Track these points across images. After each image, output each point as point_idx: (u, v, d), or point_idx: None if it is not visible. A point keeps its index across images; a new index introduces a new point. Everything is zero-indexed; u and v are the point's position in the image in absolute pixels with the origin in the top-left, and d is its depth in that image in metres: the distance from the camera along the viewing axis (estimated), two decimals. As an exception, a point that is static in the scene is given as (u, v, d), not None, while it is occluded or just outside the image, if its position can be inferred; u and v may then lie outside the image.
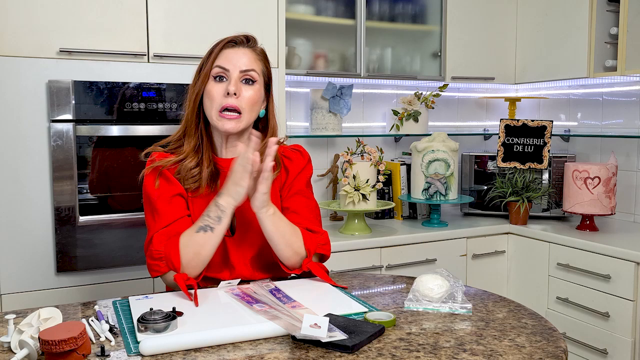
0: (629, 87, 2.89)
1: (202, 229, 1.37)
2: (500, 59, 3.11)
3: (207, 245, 1.38)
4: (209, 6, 2.25)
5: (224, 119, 1.44)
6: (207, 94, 1.45)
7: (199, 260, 1.39)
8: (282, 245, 1.44)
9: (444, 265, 2.60)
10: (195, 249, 1.37)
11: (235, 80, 1.45)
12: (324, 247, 1.51)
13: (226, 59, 1.46)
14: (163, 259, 1.40)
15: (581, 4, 2.73)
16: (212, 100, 1.44)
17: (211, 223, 1.37)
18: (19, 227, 1.99)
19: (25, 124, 1.98)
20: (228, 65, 1.45)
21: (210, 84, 1.45)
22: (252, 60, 1.48)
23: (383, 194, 2.98)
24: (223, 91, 1.44)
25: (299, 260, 1.47)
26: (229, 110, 1.44)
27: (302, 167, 1.58)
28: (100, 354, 1.04)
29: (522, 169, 2.86)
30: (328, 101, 2.80)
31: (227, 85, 1.44)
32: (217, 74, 1.46)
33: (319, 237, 1.51)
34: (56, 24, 2.01)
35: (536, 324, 1.24)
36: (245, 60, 1.46)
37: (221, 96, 1.44)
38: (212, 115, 1.45)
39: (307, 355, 1.05)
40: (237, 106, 1.44)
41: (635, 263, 2.24)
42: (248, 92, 1.46)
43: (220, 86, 1.45)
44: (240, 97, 1.45)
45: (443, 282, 1.34)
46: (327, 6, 2.76)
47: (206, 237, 1.37)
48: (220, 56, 1.47)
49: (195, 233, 1.37)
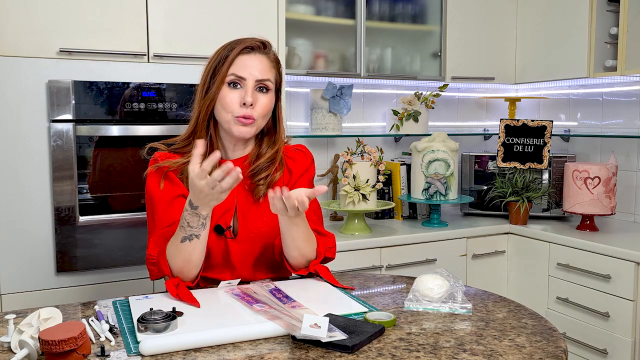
0: (629, 87, 2.89)
1: (187, 238, 1.34)
2: (500, 59, 3.11)
3: (195, 251, 1.36)
4: (209, 6, 2.25)
5: (239, 125, 1.43)
6: (221, 100, 1.43)
7: (191, 265, 1.38)
8: (292, 247, 1.43)
9: (444, 265, 2.60)
10: (184, 257, 1.36)
11: (252, 90, 1.43)
12: (331, 250, 1.52)
13: (242, 67, 1.43)
14: (156, 265, 1.40)
15: (581, 4, 2.73)
16: (227, 108, 1.42)
17: (195, 231, 1.33)
18: (19, 227, 1.99)
19: (25, 124, 1.98)
20: (244, 73, 1.43)
21: (224, 90, 1.43)
22: (267, 69, 1.46)
23: (383, 194, 2.98)
24: (239, 100, 1.42)
25: (305, 262, 1.47)
26: (245, 118, 1.43)
27: (305, 169, 1.58)
28: (100, 354, 1.04)
29: (522, 169, 2.86)
30: (328, 101, 2.80)
31: (242, 94, 1.42)
32: (231, 81, 1.43)
33: (327, 240, 1.52)
34: (56, 24, 2.01)
35: (536, 324, 1.24)
36: (261, 69, 1.44)
37: (237, 105, 1.42)
38: (227, 121, 1.43)
39: (307, 355, 1.05)
40: (252, 115, 1.43)
41: (635, 263, 2.24)
42: (262, 100, 1.45)
43: (235, 94, 1.43)
44: (256, 107, 1.44)
45: (443, 282, 1.34)
46: (327, 6, 2.76)
47: (193, 245, 1.35)
48: (236, 62, 1.43)
49: (181, 243, 1.35)
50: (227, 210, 1.48)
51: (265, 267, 1.54)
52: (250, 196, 1.49)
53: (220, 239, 1.47)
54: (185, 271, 1.38)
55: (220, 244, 1.47)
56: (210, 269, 1.48)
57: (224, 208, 1.47)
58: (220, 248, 1.47)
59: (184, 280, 1.39)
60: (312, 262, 1.48)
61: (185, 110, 2.20)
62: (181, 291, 1.34)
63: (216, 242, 1.46)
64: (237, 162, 1.49)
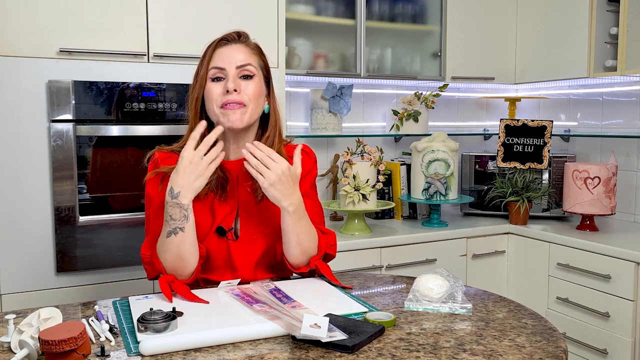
0: (629, 87, 2.89)
1: (172, 232, 1.34)
2: (500, 59, 3.11)
3: (183, 244, 1.35)
4: (209, 6, 2.25)
5: (227, 111, 1.41)
6: (207, 96, 1.43)
7: (184, 262, 1.37)
8: (294, 244, 1.43)
9: (444, 265, 2.60)
10: (173, 252, 1.35)
11: (234, 77, 1.42)
12: (332, 247, 1.52)
13: (220, 59, 1.43)
14: (150, 264, 1.40)
15: (581, 4, 2.73)
16: (212, 100, 1.42)
17: (179, 224, 1.33)
18: (19, 227, 1.99)
19: (25, 124, 1.98)
20: (223, 64, 1.42)
21: (209, 85, 1.43)
22: (247, 55, 1.45)
23: (383, 194, 2.98)
24: (222, 90, 1.42)
25: (305, 260, 1.47)
26: (229, 104, 1.41)
27: (308, 170, 1.57)
28: (100, 354, 1.04)
29: (522, 169, 2.86)
30: (328, 101, 2.80)
31: (225, 83, 1.42)
32: (214, 75, 1.43)
33: (328, 237, 1.52)
34: (56, 24, 2.01)
35: (536, 324, 1.24)
36: (240, 57, 1.44)
37: (220, 95, 1.42)
38: (215, 114, 1.43)
39: (307, 355, 1.05)
40: (240, 100, 1.42)
41: (635, 263, 2.24)
42: (249, 86, 1.44)
43: (218, 85, 1.43)
44: (242, 93, 1.42)
45: (443, 282, 1.34)
46: (327, 6, 2.76)
47: (179, 239, 1.34)
48: (214, 57, 1.44)
49: (167, 239, 1.34)
50: (230, 212, 1.48)
51: (267, 268, 1.53)
52: (252, 197, 1.49)
53: (222, 240, 1.46)
54: (178, 268, 1.37)
55: (222, 246, 1.47)
56: (211, 270, 1.48)
57: (226, 210, 1.47)
58: (222, 250, 1.47)
59: (179, 278, 1.38)
60: (313, 257, 1.47)
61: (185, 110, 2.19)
62: (177, 287, 1.34)
63: (218, 244, 1.46)
64: (239, 163, 1.49)
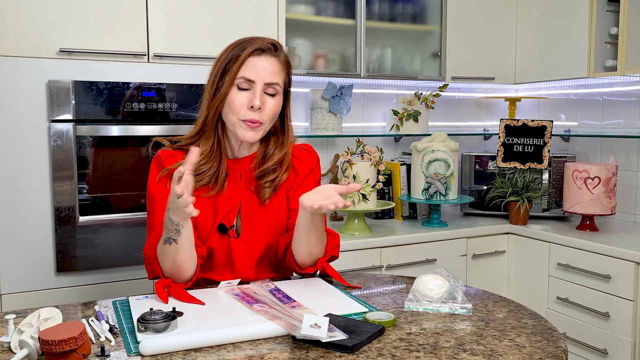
0: (629, 87, 2.89)
1: (167, 241, 1.34)
2: (500, 59, 3.11)
3: (178, 254, 1.35)
4: (209, 6, 2.25)
5: (244, 129, 1.42)
6: (229, 102, 1.42)
7: (180, 269, 1.37)
8: (305, 246, 1.43)
9: (444, 265, 2.60)
10: (170, 259, 1.36)
11: (260, 93, 1.41)
12: (336, 249, 1.53)
13: (252, 69, 1.41)
14: (150, 265, 1.41)
15: (581, 4, 2.73)
16: (234, 110, 1.41)
17: (172, 235, 1.33)
18: (19, 227, 1.99)
19: (25, 124, 1.98)
20: (253, 76, 1.41)
21: (233, 91, 1.41)
22: (277, 72, 1.44)
23: (383, 194, 2.98)
24: (247, 103, 1.41)
25: (312, 261, 1.48)
26: (251, 122, 1.42)
27: (311, 168, 1.58)
28: (100, 354, 1.04)
29: (522, 169, 2.86)
30: (328, 101, 2.80)
31: (251, 97, 1.41)
32: (241, 85, 1.42)
33: (332, 238, 1.52)
34: (56, 24, 2.01)
35: (536, 324, 1.24)
36: (270, 71, 1.42)
37: (245, 108, 1.41)
38: (233, 122, 1.42)
39: (307, 355, 1.05)
40: (260, 119, 1.42)
41: (635, 263, 2.24)
42: (270, 103, 1.43)
43: (243, 95, 1.41)
44: (263, 111, 1.42)
45: (443, 282, 1.34)
46: (327, 6, 2.76)
47: (174, 248, 1.34)
48: (246, 64, 1.41)
49: (164, 245, 1.35)
50: (231, 210, 1.48)
51: (268, 267, 1.54)
52: (255, 197, 1.49)
53: (223, 238, 1.47)
54: (175, 273, 1.38)
55: (223, 243, 1.47)
56: (212, 269, 1.48)
57: (227, 208, 1.47)
58: (223, 247, 1.47)
59: (175, 282, 1.38)
60: (319, 259, 1.48)
61: (185, 110, 2.19)
62: (174, 291, 1.34)
63: (219, 241, 1.47)
64: (243, 162, 1.50)
